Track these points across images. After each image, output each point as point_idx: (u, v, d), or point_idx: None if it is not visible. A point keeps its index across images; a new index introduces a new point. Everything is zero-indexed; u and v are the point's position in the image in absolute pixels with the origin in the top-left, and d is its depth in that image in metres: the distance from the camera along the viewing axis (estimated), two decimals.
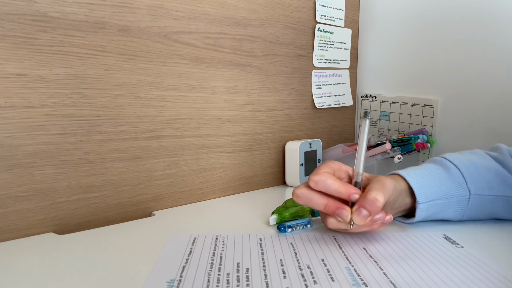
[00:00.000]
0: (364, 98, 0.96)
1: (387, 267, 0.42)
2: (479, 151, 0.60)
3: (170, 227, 0.56)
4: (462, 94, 0.80)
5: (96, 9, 0.54)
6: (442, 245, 0.48)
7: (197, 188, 0.68)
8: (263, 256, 0.44)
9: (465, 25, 0.78)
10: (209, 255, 0.45)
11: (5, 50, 0.48)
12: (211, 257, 0.44)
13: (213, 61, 0.67)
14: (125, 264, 0.43)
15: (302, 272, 0.40)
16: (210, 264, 0.42)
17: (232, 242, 0.48)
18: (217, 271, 0.41)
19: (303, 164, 0.77)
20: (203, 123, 0.67)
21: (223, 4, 0.67)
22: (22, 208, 0.51)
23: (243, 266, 0.42)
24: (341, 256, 0.44)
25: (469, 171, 0.55)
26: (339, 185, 0.47)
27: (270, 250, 0.46)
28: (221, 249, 0.46)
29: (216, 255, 0.44)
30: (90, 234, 0.52)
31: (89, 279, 0.40)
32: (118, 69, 0.57)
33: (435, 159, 0.58)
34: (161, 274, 0.40)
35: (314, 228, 0.54)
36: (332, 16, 0.86)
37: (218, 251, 0.46)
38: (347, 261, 0.43)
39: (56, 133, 0.53)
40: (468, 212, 0.55)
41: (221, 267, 0.41)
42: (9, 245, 0.48)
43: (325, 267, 0.42)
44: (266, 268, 0.41)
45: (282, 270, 0.41)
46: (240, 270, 0.41)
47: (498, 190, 0.55)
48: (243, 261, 0.43)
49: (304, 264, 0.42)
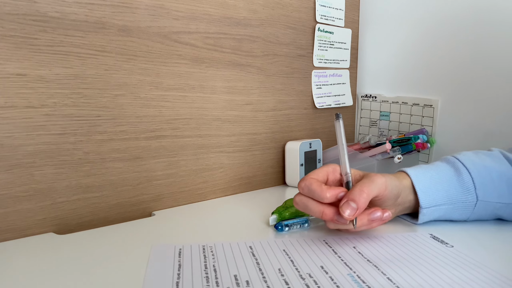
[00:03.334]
0: (364, 98, 0.96)
1: (389, 271, 0.41)
2: (496, 153, 0.58)
3: (170, 227, 0.56)
4: (462, 94, 0.80)
5: (96, 9, 0.54)
6: (433, 245, 0.48)
7: (197, 188, 0.68)
8: (259, 266, 0.42)
9: (465, 25, 0.78)
10: (201, 268, 0.42)
11: (5, 50, 0.48)
12: (204, 271, 0.41)
13: (213, 61, 0.67)
14: (125, 264, 0.43)
15: (305, 282, 0.39)
16: (206, 279, 0.39)
17: (221, 252, 0.46)
18: (215, 285, 0.38)
19: (303, 164, 0.77)
20: (203, 123, 0.67)
21: (223, 4, 0.67)
22: (22, 208, 0.51)
23: (241, 279, 0.39)
24: (339, 262, 0.43)
25: (480, 176, 0.53)
26: (323, 189, 0.47)
27: (265, 259, 0.44)
28: (212, 260, 0.43)
29: (209, 268, 0.42)
30: (90, 234, 0.52)
31: (89, 279, 0.40)
32: (118, 69, 0.57)
33: (449, 159, 0.56)
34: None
35: (310, 228, 0.54)
36: (332, 16, 0.86)
37: (210, 263, 0.43)
38: (347, 267, 0.42)
39: (56, 133, 0.53)
40: (473, 215, 0.54)
41: (218, 281, 0.39)
42: (9, 245, 0.49)
43: (327, 274, 0.40)
44: (267, 280, 0.39)
45: (284, 281, 0.39)
46: (240, 284, 0.38)
47: (508, 198, 0.54)
48: (239, 272, 0.41)
49: (305, 273, 0.41)
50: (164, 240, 0.50)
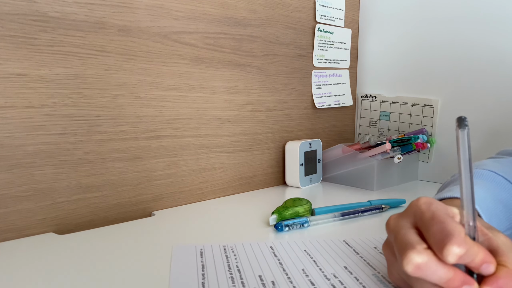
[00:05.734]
0: (364, 98, 0.96)
1: None
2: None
3: (170, 227, 0.56)
4: (462, 94, 0.80)
5: (96, 9, 0.54)
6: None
7: (197, 188, 0.68)
8: (282, 266, 0.42)
9: (465, 25, 0.78)
10: (225, 268, 0.41)
11: (5, 50, 0.48)
12: (228, 271, 0.41)
13: (213, 61, 0.67)
14: (125, 264, 0.43)
15: (331, 282, 0.38)
16: (231, 279, 0.39)
17: (243, 252, 0.46)
18: (240, 285, 0.38)
19: (303, 164, 0.77)
20: (203, 123, 0.67)
21: (223, 4, 0.67)
22: (22, 208, 0.51)
23: (267, 279, 0.39)
24: (362, 262, 0.43)
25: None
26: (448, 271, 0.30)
27: (287, 259, 0.44)
28: (235, 261, 0.43)
29: (233, 268, 0.41)
30: (90, 234, 0.52)
31: (89, 279, 0.40)
32: (118, 69, 0.57)
33: (484, 174, 0.45)
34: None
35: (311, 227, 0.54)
36: (332, 16, 0.86)
37: (233, 263, 0.43)
38: (371, 267, 0.41)
39: (56, 133, 0.53)
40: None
41: (244, 282, 0.38)
42: (9, 245, 0.48)
43: (351, 275, 0.40)
44: (292, 280, 0.39)
45: (310, 282, 0.38)
46: (266, 284, 0.38)
47: None
48: (264, 273, 0.40)
49: (330, 273, 0.40)
50: (164, 240, 0.50)
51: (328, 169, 0.83)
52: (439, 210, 0.32)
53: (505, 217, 0.42)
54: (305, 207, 0.57)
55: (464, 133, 0.32)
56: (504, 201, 0.43)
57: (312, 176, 0.80)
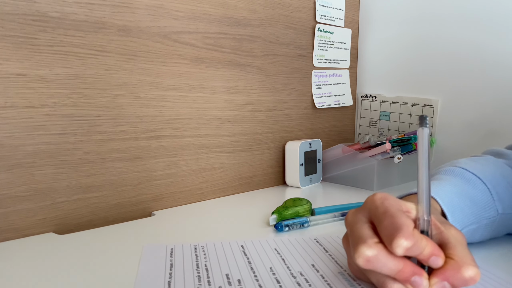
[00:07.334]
0: (364, 98, 0.96)
1: None
2: (490, 158, 0.51)
3: (170, 227, 0.56)
4: (462, 94, 0.80)
5: (96, 9, 0.54)
6: None
7: (197, 188, 0.68)
8: (250, 265, 0.42)
9: (465, 25, 0.78)
10: (193, 267, 0.41)
11: (5, 50, 0.48)
12: (196, 270, 0.41)
13: (213, 61, 0.67)
14: (125, 264, 0.43)
15: (296, 280, 0.39)
16: (198, 278, 0.39)
17: (213, 251, 0.46)
18: (206, 284, 0.38)
19: (303, 164, 0.77)
20: (203, 123, 0.67)
21: (223, 4, 0.67)
22: (22, 208, 0.51)
23: (233, 278, 0.39)
24: (330, 260, 0.43)
25: (493, 186, 0.46)
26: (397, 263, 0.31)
27: (256, 258, 0.44)
28: (204, 259, 0.43)
29: (201, 267, 0.42)
30: (90, 234, 0.52)
31: (89, 279, 0.40)
32: (118, 69, 0.57)
33: (454, 171, 0.47)
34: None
35: (311, 227, 0.54)
36: (332, 16, 0.86)
37: (201, 262, 0.43)
38: (338, 265, 0.42)
39: (56, 133, 0.53)
40: (491, 234, 0.46)
41: (210, 281, 0.39)
42: (9, 245, 0.48)
43: (318, 273, 0.40)
44: (258, 279, 0.39)
45: (276, 280, 0.39)
46: (231, 283, 0.38)
47: None
48: (231, 272, 0.41)
49: (296, 271, 0.41)
50: (164, 240, 0.50)
51: (328, 169, 0.83)
52: (391, 206, 0.33)
53: (470, 212, 0.43)
54: (305, 207, 0.57)
55: (424, 131, 0.35)
56: (471, 197, 0.44)
57: (312, 176, 0.80)
